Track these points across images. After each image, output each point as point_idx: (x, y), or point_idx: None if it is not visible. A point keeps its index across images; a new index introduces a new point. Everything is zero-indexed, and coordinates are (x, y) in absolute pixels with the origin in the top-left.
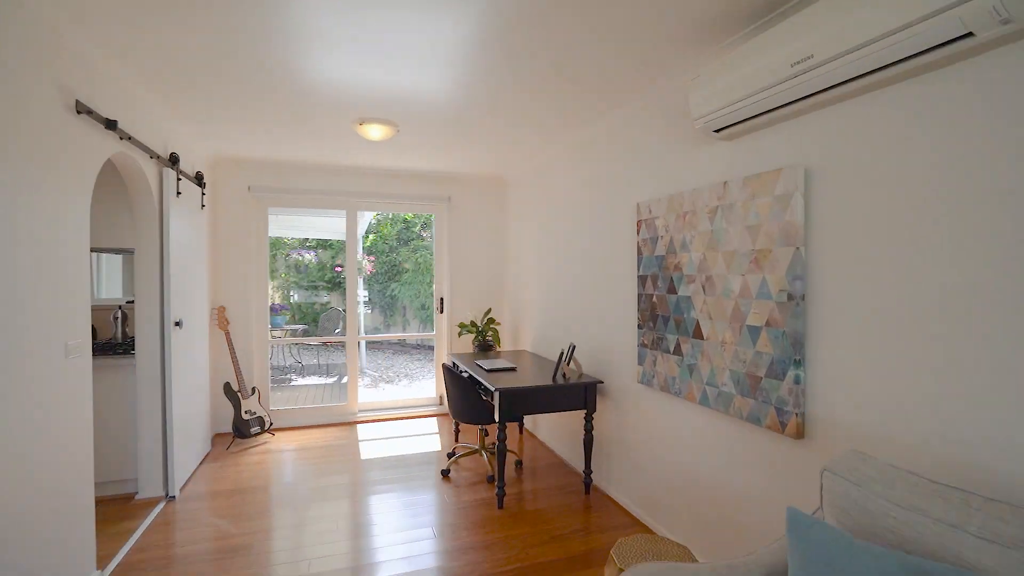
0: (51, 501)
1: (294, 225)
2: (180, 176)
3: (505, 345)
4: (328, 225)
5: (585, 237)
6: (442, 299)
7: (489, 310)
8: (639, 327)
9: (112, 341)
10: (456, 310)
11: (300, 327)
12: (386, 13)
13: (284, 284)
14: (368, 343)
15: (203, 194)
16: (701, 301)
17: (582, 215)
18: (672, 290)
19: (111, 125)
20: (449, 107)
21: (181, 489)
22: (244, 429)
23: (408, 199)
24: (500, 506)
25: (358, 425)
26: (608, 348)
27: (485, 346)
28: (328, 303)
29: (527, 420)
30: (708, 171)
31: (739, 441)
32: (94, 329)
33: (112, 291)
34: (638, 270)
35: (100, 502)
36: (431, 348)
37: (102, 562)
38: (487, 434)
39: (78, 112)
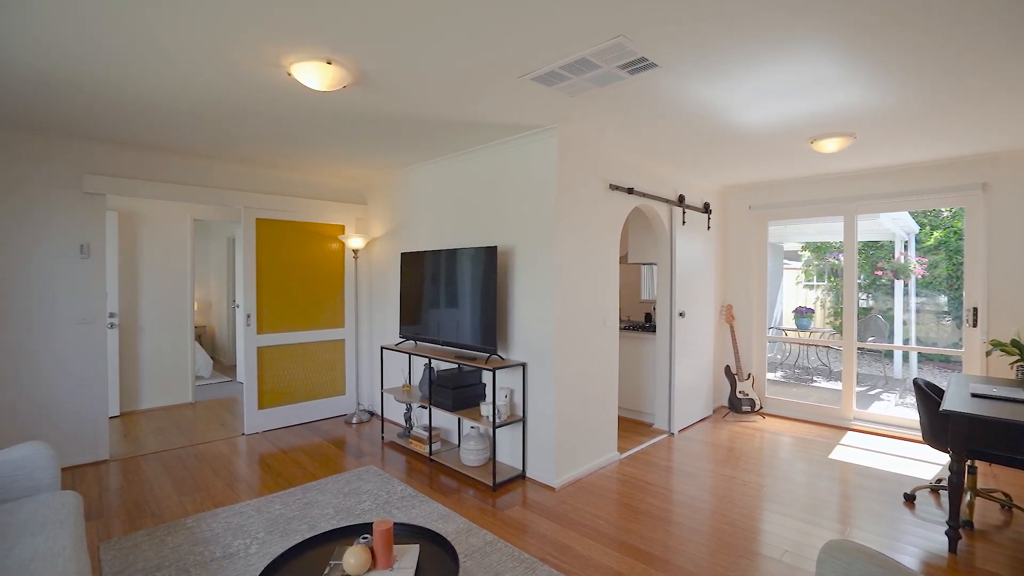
0: (596, 407)
1: (834, 231)
2: (685, 210)
3: None
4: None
5: None
6: (975, 309)
7: None
8: None
9: (643, 323)
10: (995, 324)
11: (828, 331)
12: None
13: (833, 287)
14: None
15: (708, 218)
16: None
17: None
18: None
19: (630, 191)
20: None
21: (680, 431)
22: (737, 405)
23: (921, 194)
24: (951, 550)
25: (849, 432)
26: None
27: None
28: (870, 308)
29: None
30: None
31: None
32: (630, 313)
33: (651, 294)
34: None
35: (626, 421)
36: None
37: (621, 450)
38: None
39: (611, 188)
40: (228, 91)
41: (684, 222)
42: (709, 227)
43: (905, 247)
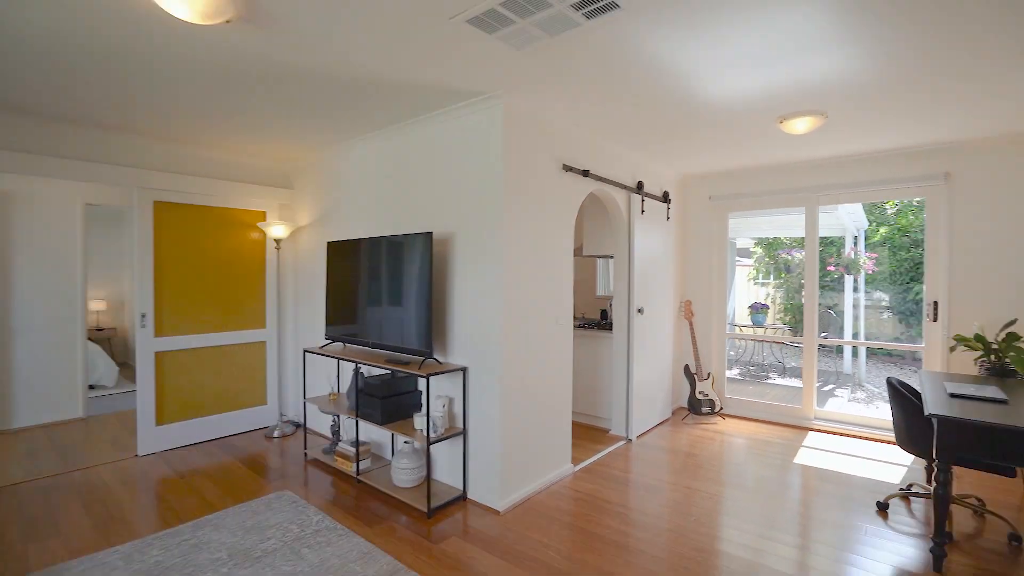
0: (549, 415)
1: (785, 226)
2: (644, 198)
3: None
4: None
5: None
6: (935, 303)
7: (1012, 322)
8: None
9: (599, 321)
10: (957, 319)
11: (783, 327)
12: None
13: (784, 283)
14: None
15: (668, 208)
16: None
17: None
18: None
19: (585, 174)
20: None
21: (638, 437)
22: (696, 406)
23: (883, 184)
24: (936, 569)
25: (810, 432)
26: None
27: (1001, 371)
28: (821, 304)
29: None
30: None
31: None
32: (585, 311)
33: (607, 289)
34: None
35: (581, 427)
36: None
37: (575, 462)
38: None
39: (565, 169)
40: (74, 22)
41: (643, 211)
42: (668, 218)
43: (855, 243)
